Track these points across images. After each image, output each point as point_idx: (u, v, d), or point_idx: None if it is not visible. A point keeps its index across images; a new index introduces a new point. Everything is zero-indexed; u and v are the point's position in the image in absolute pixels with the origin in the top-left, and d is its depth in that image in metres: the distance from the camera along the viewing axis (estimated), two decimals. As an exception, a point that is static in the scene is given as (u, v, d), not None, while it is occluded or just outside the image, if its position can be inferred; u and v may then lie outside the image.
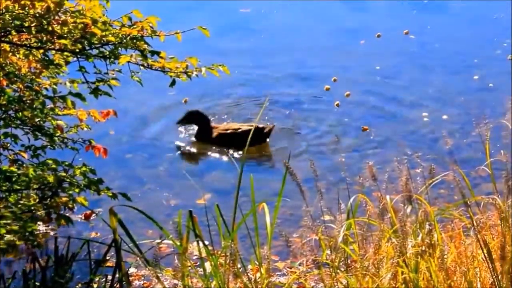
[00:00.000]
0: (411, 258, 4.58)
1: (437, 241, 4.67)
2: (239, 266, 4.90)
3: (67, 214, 5.21)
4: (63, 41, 5.03)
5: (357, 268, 4.58)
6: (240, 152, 8.88)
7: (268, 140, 9.12)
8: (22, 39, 5.18)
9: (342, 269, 4.72)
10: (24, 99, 5.23)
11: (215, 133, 9.15)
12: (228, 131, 9.11)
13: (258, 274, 4.94)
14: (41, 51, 5.22)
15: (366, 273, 4.54)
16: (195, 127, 9.27)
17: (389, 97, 10.08)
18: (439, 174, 5.21)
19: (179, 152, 8.97)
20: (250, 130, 9.01)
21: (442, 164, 6.61)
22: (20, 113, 5.24)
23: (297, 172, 4.82)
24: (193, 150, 9.05)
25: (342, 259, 4.76)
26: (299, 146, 9.00)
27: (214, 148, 9.04)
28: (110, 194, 5.29)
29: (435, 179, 5.06)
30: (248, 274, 5.05)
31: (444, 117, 9.47)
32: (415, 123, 9.39)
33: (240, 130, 9.08)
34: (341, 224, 4.71)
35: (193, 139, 9.21)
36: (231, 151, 8.88)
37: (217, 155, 8.90)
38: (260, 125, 9.14)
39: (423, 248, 4.62)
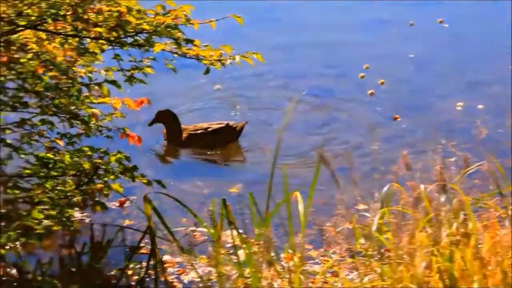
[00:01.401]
0: (445, 248, 4.56)
1: (471, 230, 4.65)
2: (272, 254, 4.91)
3: (102, 201, 5.26)
4: (98, 29, 5.07)
5: (391, 257, 4.57)
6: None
7: (239, 138, 8.90)
8: (58, 28, 5.22)
9: (376, 258, 4.71)
10: (60, 86, 5.27)
11: (184, 135, 8.85)
12: (198, 131, 8.82)
13: (291, 262, 4.95)
14: (77, 39, 5.26)
15: (400, 262, 4.52)
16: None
17: (422, 86, 10.01)
18: (473, 163, 5.18)
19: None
20: (220, 128, 8.79)
21: (477, 153, 6.55)
22: (57, 100, 5.29)
23: (330, 161, 4.82)
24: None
25: (376, 248, 4.75)
26: (332, 136, 8.97)
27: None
28: (145, 181, 5.33)
29: (469, 169, 5.04)
30: (282, 262, 5.06)
31: (479, 106, 9.38)
32: (449, 113, 9.32)
33: (210, 129, 8.81)
34: (375, 213, 4.70)
35: (165, 142, 8.93)
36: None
37: (247, 146, 8.89)
38: (231, 123, 8.88)
39: (458, 238, 4.59)
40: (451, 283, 4.49)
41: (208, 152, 8.71)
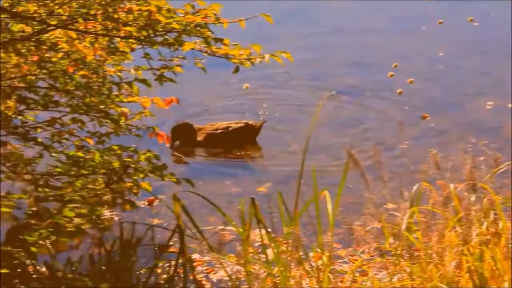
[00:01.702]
0: (475, 247, 4.53)
1: (502, 230, 4.61)
2: (301, 253, 4.91)
3: (132, 199, 5.30)
4: (128, 28, 5.10)
5: (421, 257, 4.55)
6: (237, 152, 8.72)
7: (257, 137, 8.86)
8: (88, 27, 5.26)
9: (406, 257, 4.69)
10: (90, 85, 5.32)
11: (202, 135, 8.75)
12: (218, 131, 8.74)
13: (320, 262, 4.94)
14: (107, 38, 5.29)
15: (430, 261, 4.50)
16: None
17: (452, 85, 9.96)
18: (503, 162, 5.15)
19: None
20: (241, 128, 8.71)
21: (507, 152, 6.51)
22: (87, 99, 5.33)
23: (359, 160, 4.81)
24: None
25: (405, 247, 4.73)
26: (361, 135, 8.95)
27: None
28: (175, 180, 5.35)
29: (500, 168, 5.00)
30: (310, 261, 5.05)
31: (509, 105, 9.30)
32: (478, 112, 9.26)
33: (231, 129, 8.73)
34: (404, 212, 4.68)
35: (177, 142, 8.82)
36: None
37: (275, 145, 8.89)
38: (250, 122, 8.81)
39: (488, 237, 4.56)
40: (481, 282, 4.46)
41: (234, 152, 8.71)
